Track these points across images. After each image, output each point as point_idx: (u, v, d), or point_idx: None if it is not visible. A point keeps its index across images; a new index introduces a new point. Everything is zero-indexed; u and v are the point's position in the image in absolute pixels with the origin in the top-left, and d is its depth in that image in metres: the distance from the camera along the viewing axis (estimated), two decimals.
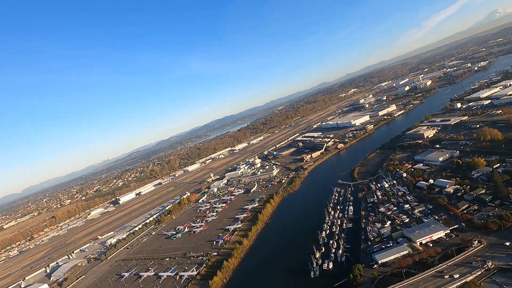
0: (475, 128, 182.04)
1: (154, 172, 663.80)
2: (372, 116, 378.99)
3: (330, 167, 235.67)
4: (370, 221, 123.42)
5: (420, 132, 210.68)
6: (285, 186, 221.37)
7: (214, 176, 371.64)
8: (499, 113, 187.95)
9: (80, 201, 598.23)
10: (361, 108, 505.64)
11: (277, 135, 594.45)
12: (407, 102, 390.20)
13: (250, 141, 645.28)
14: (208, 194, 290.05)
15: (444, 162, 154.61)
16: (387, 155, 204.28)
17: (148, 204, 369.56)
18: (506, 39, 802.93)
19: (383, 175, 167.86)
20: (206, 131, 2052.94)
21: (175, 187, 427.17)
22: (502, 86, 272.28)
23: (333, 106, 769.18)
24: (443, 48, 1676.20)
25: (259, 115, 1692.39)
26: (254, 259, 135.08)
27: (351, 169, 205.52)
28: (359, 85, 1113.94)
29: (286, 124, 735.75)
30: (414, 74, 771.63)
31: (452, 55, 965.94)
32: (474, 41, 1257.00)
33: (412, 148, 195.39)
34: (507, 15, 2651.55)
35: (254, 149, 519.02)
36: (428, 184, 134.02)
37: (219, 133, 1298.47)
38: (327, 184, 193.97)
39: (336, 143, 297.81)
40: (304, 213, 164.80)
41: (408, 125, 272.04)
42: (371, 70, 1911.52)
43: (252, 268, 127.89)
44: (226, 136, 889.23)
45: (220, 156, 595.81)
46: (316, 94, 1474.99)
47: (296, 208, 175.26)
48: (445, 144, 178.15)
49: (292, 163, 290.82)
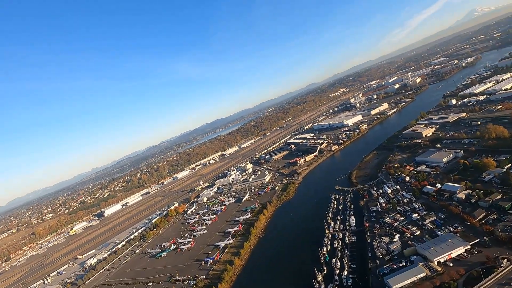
0: (476, 126, 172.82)
1: (142, 181, 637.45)
2: (365, 115, 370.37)
3: (325, 171, 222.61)
4: (376, 234, 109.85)
5: (418, 131, 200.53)
6: (279, 193, 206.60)
7: (204, 184, 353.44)
8: (499, 108, 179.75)
9: (63, 214, 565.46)
10: (352, 107, 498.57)
11: (269, 138, 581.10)
12: (399, 100, 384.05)
13: (241, 145, 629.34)
14: (198, 204, 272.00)
15: (448, 163, 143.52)
16: (385, 157, 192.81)
17: (134, 216, 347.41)
18: (488, 36, 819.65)
19: (384, 180, 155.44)
20: (196, 135, 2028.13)
21: (163, 196, 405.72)
22: (495, 81, 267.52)
23: (324, 106, 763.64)
24: (427, 46, 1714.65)
25: (250, 117, 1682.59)
26: (248, 283, 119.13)
27: (348, 172, 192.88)
28: (348, 84, 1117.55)
29: (277, 126, 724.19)
30: (402, 72, 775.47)
31: (437, 52, 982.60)
32: (457, 38, 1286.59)
33: (411, 148, 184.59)
34: (485, 13, 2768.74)
35: (245, 153, 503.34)
36: (436, 189, 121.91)
37: (210, 137, 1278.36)
38: (324, 191, 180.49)
39: (330, 145, 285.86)
40: (300, 224, 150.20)
41: (403, 124, 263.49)
42: (358, 70, 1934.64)
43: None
44: (216, 140, 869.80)
45: (211, 162, 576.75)
46: (305, 94, 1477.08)
47: (292, 219, 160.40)
48: (446, 143, 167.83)
49: (285, 167, 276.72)
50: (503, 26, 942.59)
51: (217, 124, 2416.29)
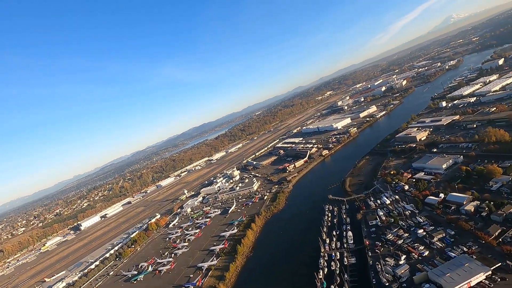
0: (472, 129, 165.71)
1: (124, 189, 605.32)
2: (354, 118, 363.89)
3: (316, 178, 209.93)
4: (379, 255, 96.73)
5: (411, 134, 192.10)
6: (268, 204, 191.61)
7: (189, 193, 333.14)
8: (494, 110, 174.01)
9: (36, 228, 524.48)
10: (340, 110, 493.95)
11: (256, 142, 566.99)
12: (387, 102, 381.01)
13: (228, 150, 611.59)
14: (181, 216, 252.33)
15: (448, 169, 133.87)
16: (379, 162, 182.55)
17: (112, 229, 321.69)
18: (467, 40, 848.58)
19: (381, 188, 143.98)
20: (183, 140, 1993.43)
21: (145, 206, 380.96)
22: (482, 83, 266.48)
23: (311, 109, 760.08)
24: (408, 50, 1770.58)
25: (238, 121, 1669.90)
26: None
27: (341, 180, 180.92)
28: (334, 87, 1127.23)
29: (265, 130, 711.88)
30: (387, 75, 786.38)
31: (419, 56, 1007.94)
32: (436, 43, 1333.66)
33: (406, 153, 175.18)
34: (460, 19, 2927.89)
35: (232, 158, 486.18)
36: (440, 199, 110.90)
37: (197, 141, 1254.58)
38: (316, 201, 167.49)
39: (320, 150, 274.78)
40: (292, 241, 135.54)
41: (393, 127, 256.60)
42: (344, 73, 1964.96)
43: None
44: (203, 145, 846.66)
45: (197, 168, 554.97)
46: (293, 98, 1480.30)
47: (283, 235, 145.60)
48: (443, 147, 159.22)
49: (274, 174, 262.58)
50: (480, 31, 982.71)
51: (205, 128, 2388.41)
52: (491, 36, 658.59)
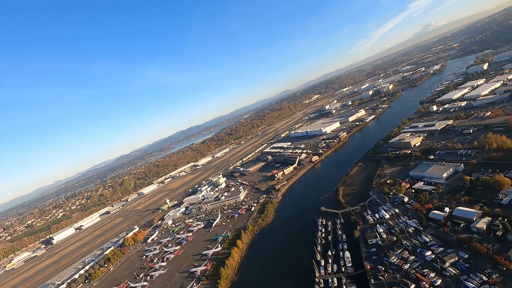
0: (469, 134, 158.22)
1: (104, 197, 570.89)
2: (343, 122, 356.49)
3: (307, 187, 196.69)
4: (384, 282, 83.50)
5: (405, 140, 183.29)
6: (255, 216, 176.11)
7: (171, 202, 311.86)
8: (489, 115, 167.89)
9: (4, 242, 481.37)
10: (328, 114, 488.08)
11: (244, 146, 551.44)
12: (375, 106, 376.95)
13: (215, 154, 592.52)
14: (161, 229, 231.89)
15: (449, 179, 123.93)
16: (373, 170, 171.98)
17: (87, 244, 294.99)
18: (448, 46, 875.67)
19: (378, 200, 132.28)
20: (170, 144, 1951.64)
21: (124, 217, 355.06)
22: (470, 87, 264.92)
23: (299, 113, 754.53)
24: (391, 56, 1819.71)
25: (225, 124, 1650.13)
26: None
27: (334, 189, 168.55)
28: (321, 91, 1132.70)
29: (252, 134, 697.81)
30: (372, 79, 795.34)
31: (402, 61, 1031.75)
32: (418, 49, 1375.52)
33: (401, 160, 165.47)
34: (439, 27, 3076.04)
35: (218, 164, 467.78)
36: (446, 215, 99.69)
37: (183, 145, 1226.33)
38: (307, 213, 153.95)
39: (310, 155, 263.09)
40: (282, 261, 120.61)
41: (384, 131, 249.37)
42: (330, 77, 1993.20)
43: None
44: (188, 150, 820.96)
45: (181, 174, 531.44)
46: (280, 101, 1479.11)
47: (272, 254, 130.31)
48: (440, 154, 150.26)
49: (261, 182, 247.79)
50: (459, 37, 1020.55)
51: (192, 132, 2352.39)
52: (470, 43, 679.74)
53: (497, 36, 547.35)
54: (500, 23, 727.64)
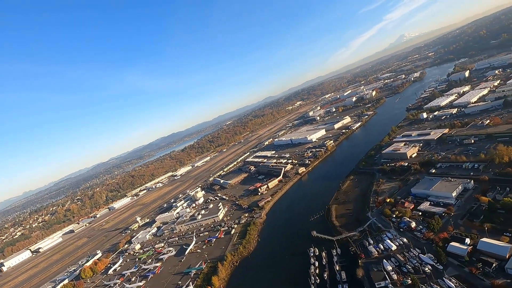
0: (470, 144, 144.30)
1: (70, 213, 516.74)
2: (328, 129, 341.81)
3: (294, 204, 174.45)
4: None
5: (400, 150, 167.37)
6: (236, 241, 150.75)
7: (142, 220, 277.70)
8: (488, 123, 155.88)
9: None
10: (313, 121, 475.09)
11: (225, 155, 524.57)
12: (361, 113, 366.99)
13: (195, 163, 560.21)
14: (127, 255, 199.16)
15: (460, 199, 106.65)
16: (368, 184, 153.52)
17: (39, 273, 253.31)
18: (423, 55, 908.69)
19: (379, 224, 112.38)
20: (150, 151, 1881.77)
21: (89, 237, 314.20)
22: (456, 93, 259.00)
23: (282, 120, 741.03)
24: (369, 64, 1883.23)
25: (208, 130, 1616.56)
26: None
27: (325, 208, 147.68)
28: (304, 97, 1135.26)
29: (235, 141, 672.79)
30: (354, 86, 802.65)
31: (381, 69, 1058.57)
32: (395, 57, 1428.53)
33: (398, 173, 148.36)
34: (412, 38, 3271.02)
35: (198, 174, 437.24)
36: (470, 250, 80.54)
37: (164, 153, 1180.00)
38: (296, 238, 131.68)
39: (296, 166, 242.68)
40: None
41: (372, 139, 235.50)
42: (312, 84, 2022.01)
43: None
44: (167, 158, 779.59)
45: (158, 185, 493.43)
46: (263, 107, 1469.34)
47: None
48: (442, 168, 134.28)
49: (243, 197, 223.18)
50: (432, 47, 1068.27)
51: (173, 138, 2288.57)
52: (445, 52, 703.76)
53: (471, 45, 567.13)
54: (470, 34, 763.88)
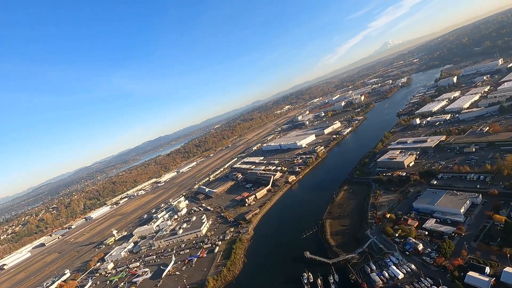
0: (471, 153, 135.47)
1: (44, 223, 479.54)
2: (318, 135, 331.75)
3: (284, 218, 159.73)
4: None
5: (396, 159, 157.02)
6: (219, 262, 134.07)
7: (119, 233, 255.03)
8: (488, 130, 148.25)
9: None
10: (302, 125, 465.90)
11: (212, 160, 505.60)
12: (350, 118, 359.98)
13: (180, 169, 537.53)
14: (97, 276, 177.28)
15: (470, 216, 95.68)
16: (364, 196, 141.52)
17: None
18: (408, 61, 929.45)
19: (380, 245, 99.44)
20: (136, 155, 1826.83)
21: (60, 252, 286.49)
22: (447, 99, 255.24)
23: (271, 124, 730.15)
24: (356, 69, 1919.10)
25: (196, 134, 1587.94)
26: None
27: (319, 223, 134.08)
28: (292, 102, 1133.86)
29: (222, 146, 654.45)
30: (342, 91, 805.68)
31: (367, 74, 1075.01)
32: (380, 64, 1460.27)
33: (396, 184, 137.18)
34: (396, 45, 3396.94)
35: (183, 181, 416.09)
36: (493, 282, 68.36)
37: (150, 157, 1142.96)
38: (287, 259, 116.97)
39: (285, 174, 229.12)
40: None
41: (364, 146, 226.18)
42: (300, 88, 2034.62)
43: None
44: (152, 163, 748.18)
45: (140, 192, 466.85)
46: (252, 111, 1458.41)
47: None
48: (444, 179, 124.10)
49: (229, 208, 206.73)
50: (416, 54, 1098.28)
51: (160, 142, 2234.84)
52: (429, 58, 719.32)
53: (455, 52, 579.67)
54: (453, 42, 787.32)
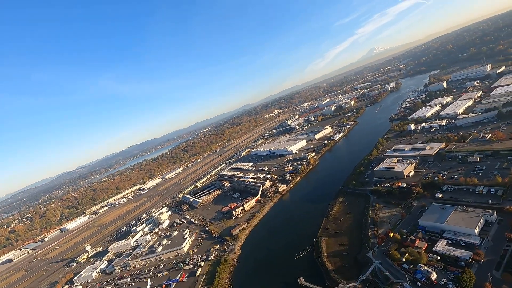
0: (475, 162, 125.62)
1: (15, 235, 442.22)
2: (309, 140, 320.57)
3: (275, 235, 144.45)
4: None
5: (395, 168, 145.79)
6: (201, 287, 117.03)
7: (93, 249, 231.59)
8: (490, 137, 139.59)
9: None
10: (292, 130, 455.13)
11: (199, 165, 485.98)
12: (341, 122, 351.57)
13: (166, 175, 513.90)
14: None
15: (485, 236, 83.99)
16: (361, 209, 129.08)
17: None
18: (395, 67, 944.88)
19: (386, 271, 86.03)
20: (121, 159, 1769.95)
21: (27, 271, 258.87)
22: (439, 104, 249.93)
23: (260, 128, 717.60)
24: (344, 74, 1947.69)
25: (184, 137, 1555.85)
26: None
27: (313, 241, 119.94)
28: (282, 106, 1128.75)
29: (210, 151, 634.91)
30: (331, 95, 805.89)
31: (355, 79, 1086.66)
32: (367, 69, 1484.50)
33: (396, 196, 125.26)
34: (382, 51, 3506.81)
35: (167, 189, 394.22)
36: None
37: (136, 161, 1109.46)
38: (279, 285, 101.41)
39: (275, 183, 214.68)
40: None
41: (357, 152, 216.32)
42: (289, 93, 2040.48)
43: None
44: (137, 169, 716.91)
45: (122, 201, 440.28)
46: (241, 115, 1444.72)
47: None
48: (450, 192, 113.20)
49: (215, 220, 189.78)
50: (402, 60, 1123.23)
51: (148, 146, 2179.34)
52: (416, 64, 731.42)
53: (441, 58, 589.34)
54: (438, 48, 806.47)
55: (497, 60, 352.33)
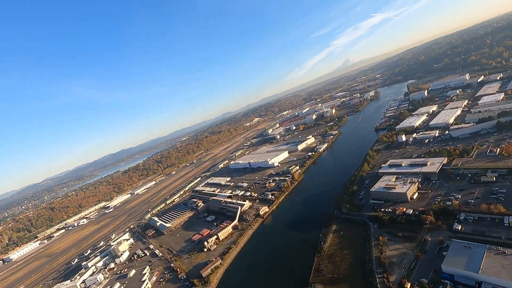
0: (491, 183, 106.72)
1: None
2: (291, 151, 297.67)
3: (255, 277, 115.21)
4: None
5: (395, 189, 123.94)
6: None
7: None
8: (500, 152, 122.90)
9: None
10: (272, 139, 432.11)
11: (174, 179, 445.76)
12: (324, 132, 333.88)
13: (136, 190, 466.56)
14: None
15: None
16: (361, 242, 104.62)
17: None
18: (370, 77, 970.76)
19: None
20: (93, 170, 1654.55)
21: None
22: (426, 113, 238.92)
23: (240, 137, 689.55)
24: (321, 84, 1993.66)
25: (161, 147, 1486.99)
26: None
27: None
28: (261, 114, 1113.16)
29: (186, 162, 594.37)
30: (311, 104, 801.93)
31: (333, 88, 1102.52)
32: (344, 79, 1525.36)
33: (403, 227, 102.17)
34: (356, 62, 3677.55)
35: (135, 207, 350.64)
36: None
37: (108, 172, 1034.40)
38: None
39: (256, 203, 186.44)
40: None
41: (345, 166, 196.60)
42: (269, 101, 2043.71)
43: None
44: (104, 183, 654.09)
45: (82, 222, 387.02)
46: (220, 123, 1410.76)
47: None
48: (469, 221, 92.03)
49: (183, 253, 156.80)
50: (376, 70, 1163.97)
51: (123, 155, 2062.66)
52: (391, 74, 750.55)
53: (415, 68, 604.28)
54: (410, 59, 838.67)
55: (473, 70, 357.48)
